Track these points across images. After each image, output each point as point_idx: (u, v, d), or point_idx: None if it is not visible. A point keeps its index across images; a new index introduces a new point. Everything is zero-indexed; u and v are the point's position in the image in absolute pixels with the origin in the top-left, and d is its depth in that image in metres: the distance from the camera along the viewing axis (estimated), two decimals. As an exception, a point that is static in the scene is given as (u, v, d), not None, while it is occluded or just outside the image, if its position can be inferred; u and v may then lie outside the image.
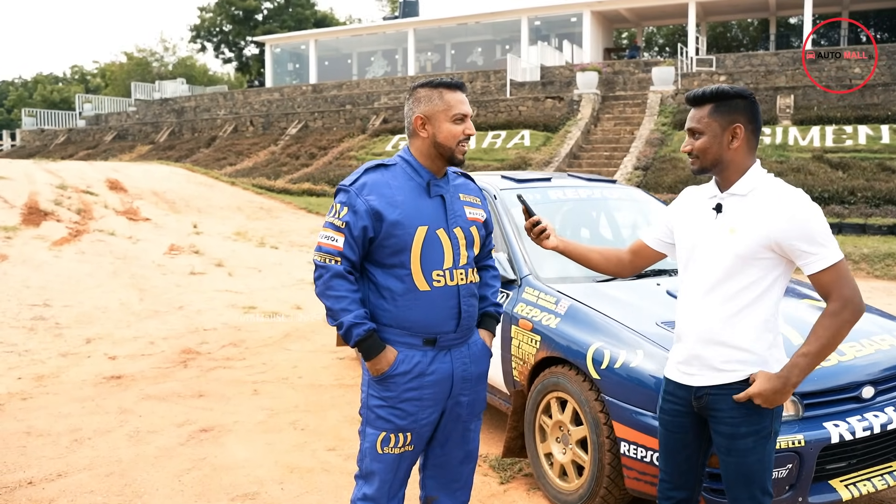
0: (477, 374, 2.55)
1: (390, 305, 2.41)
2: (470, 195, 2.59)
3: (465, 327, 2.49)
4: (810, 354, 2.12)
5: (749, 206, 2.18)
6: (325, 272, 2.37)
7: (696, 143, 2.24)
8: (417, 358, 2.42)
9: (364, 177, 2.43)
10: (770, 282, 2.17)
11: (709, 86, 2.24)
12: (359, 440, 3.92)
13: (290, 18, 45.54)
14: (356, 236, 2.36)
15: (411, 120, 2.46)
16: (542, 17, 33.76)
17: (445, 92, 2.41)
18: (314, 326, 7.32)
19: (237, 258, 11.06)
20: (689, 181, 16.03)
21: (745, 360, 2.20)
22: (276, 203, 16.84)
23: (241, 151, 25.27)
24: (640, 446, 3.01)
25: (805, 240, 2.09)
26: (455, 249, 2.45)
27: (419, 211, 2.41)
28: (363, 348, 2.37)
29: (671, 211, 2.48)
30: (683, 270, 2.34)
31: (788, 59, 24.09)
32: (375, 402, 2.45)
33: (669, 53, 41.68)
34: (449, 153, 2.42)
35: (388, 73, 38.13)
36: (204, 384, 5.45)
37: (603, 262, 2.60)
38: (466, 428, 2.58)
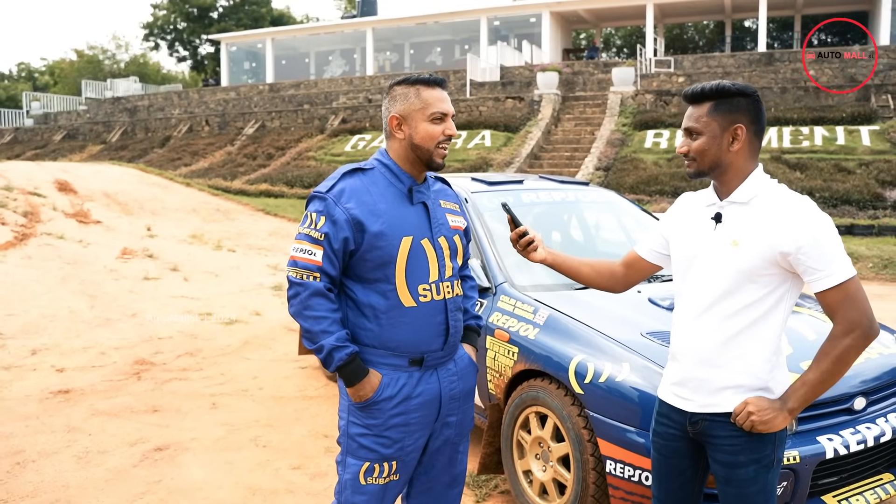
0: (464, 391, 2.37)
1: (373, 324, 2.20)
2: (449, 202, 2.40)
3: (452, 344, 2.31)
4: (810, 383, 1.95)
5: (751, 216, 2.00)
6: (301, 290, 2.15)
7: (694, 144, 2.05)
8: (403, 380, 2.22)
9: (342, 182, 2.21)
10: (775, 299, 1.99)
11: (708, 82, 2.05)
12: (327, 460, 3.69)
13: (245, 17, 44.81)
14: (336, 249, 2.15)
15: (387, 120, 2.26)
16: (502, 17, 33.73)
17: (423, 89, 2.22)
18: (275, 333, 7.05)
19: (193, 262, 10.69)
20: (650, 182, 16.08)
21: (745, 386, 2.02)
22: (232, 204, 16.43)
23: (196, 152, 24.70)
24: (626, 465, 2.85)
25: (812, 253, 1.90)
26: (440, 261, 2.26)
27: (403, 220, 2.21)
28: (345, 374, 2.16)
29: (666, 220, 2.29)
30: (680, 284, 2.16)
31: (745, 60, 24.41)
32: (357, 431, 2.23)
33: (627, 54, 42.08)
34: (427, 156, 2.22)
35: (346, 73, 37.74)
36: (158, 398, 5.15)
37: (595, 276, 2.40)
38: (455, 450, 2.39)
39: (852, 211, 13.83)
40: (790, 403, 1.97)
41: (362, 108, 25.32)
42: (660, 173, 16.57)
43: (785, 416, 1.98)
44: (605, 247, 4.78)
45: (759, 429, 1.97)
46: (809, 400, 1.97)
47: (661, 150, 18.39)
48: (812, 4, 30.73)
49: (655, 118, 20.03)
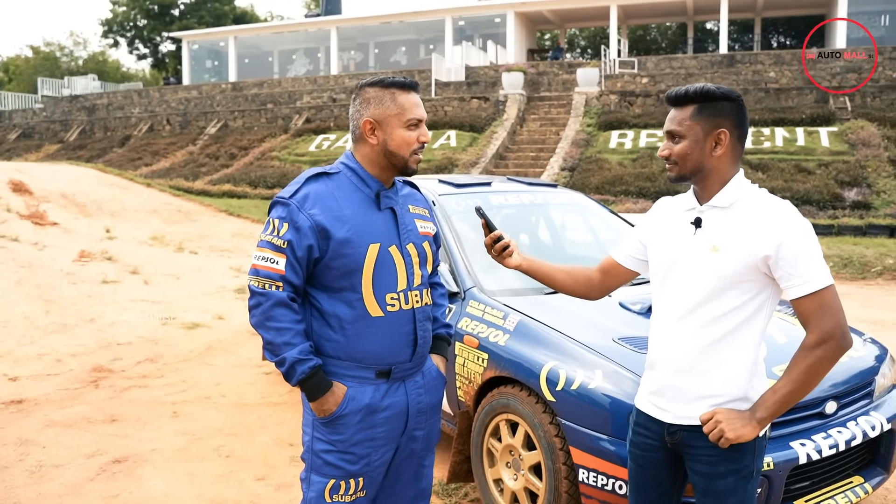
0: (432, 404, 2.29)
1: (338, 335, 2.11)
2: (418, 206, 2.32)
3: (421, 355, 2.23)
4: (780, 393, 1.90)
5: (732, 221, 1.96)
6: (264, 300, 2.05)
7: (676, 148, 2.00)
8: (369, 393, 2.13)
9: (305, 187, 2.11)
10: (756, 306, 1.95)
11: (692, 84, 2.01)
12: (293, 470, 3.59)
13: (208, 14, 44.16)
14: (300, 257, 2.06)
15: (358, 124, 2.16)
16: (466, 17, 33.73)
17: (398, 93, 2.13)
18: (238, 338, 6.90)
19: (154, 265, 10.45)
20: (615, 182, 16.17)
21: (725, 395, 1.98)
22: (194, 205, 16.14)
23: (157, 151, 24.26)
24: (600, 474, 2.80)
25: (790, 259, 1.86)
26: (409, 269, 2.18)
27: (370, 226, 2.12)
28: (307, 388, 2.07)
29: (644, 224, 2.23)
30: (658, 291, 2.11)
31: (707, 62, 24.70)
32: (322, 447, 2.14)
33: (591, 55, 42.37)
34: (402, 163, 2.15)
35: (310, 72, 37.42)
36: (117, 407, 4.99)
37: (571, 282, 2.34)
38: (420, 464, 2.31)
39: (813, 211, 14.05)
40: (759, 413, 1.93)
41: (327, 107, 25.10)
42: (625, 174, 16.67)
43: (754, 427, 1.93)
44: (573, 249, 4.75)
45: (728, 438, 1.92)
46: (780, 411, 1.93)
47: (625, 151, 18.52)
48: (771, 7, 31.25)
49: (620, 119, 20.17)
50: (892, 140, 16.71)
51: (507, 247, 2.26)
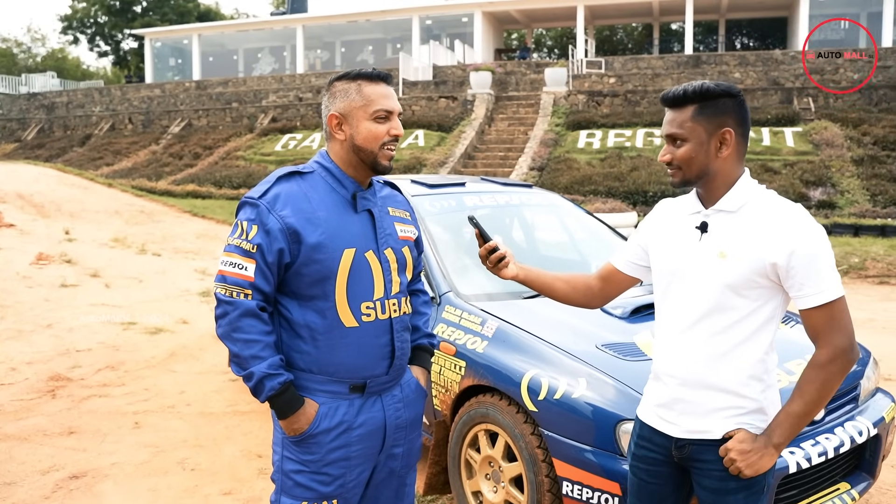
0: (411, 419, 2.15)
1: (309, 346, 1.96)
2: (399, 209, 2.18)
3: (398, 367, 2.09)
4: (794, 414, 1.80)
5: (740, 225, 1.84)
6: (231, 309, 1.90)
7: (678, 152, 1.88)
8: (343, 409, 1.99)
9: (276, 187, 1.96)
10: (766, 315, 1.85)
11: (690, 83, 1.89)
12: (261, 483, 3.42)
13: (171, 11, 43.40)
14: (270, 262, 1.91)
15: (326, 119, 2.03)
16: (434, 16, 33.61)
17: (365, 84, 1.99)
18: (203, 343, 6.68)
19: (115, 267, 10.16)
20: (584, 182, 16.17)
21: (738, 408, 1.87)
22: (158, 206, 15.80)
23: (119, 151, 23.76)
24: (585, 486, 2.69)
25: (803, 268, 1.76)
26: (386, 276, 2.04)
27: (345, 230, 1.98)
28: (277, 405, 1.92)
29: (644, 229, 2.11)
30: (661, 299, 1.99)
31: (673, 62, 24.89)
32: (293, 467, 1.99)
33: (558, 55, 42.52)
34: (371, 158, 2.00)
35: (276, 71, 37.00)
36: (76, 418, 4.77)
37: (570, 291, 2.22)
38: (402, 483, 2.17)
39: (779, 210, 14.17)
40: (776, 438, 1.82)
41: (293, 106, 24.79)
42: (593, 173, 16.68)
43: (772, 454, 1.82)
44: (549, 251, 4.65)
45: (747, 474, 1.82)
46: (795, 433, 1.83)
47: (594, 151, 18.55)
48: (735, 9, 31.63)
49: (588, 118, 20.21)
50: (854, 140, 16.97)
51: (503, 257, 2.13)
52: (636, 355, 2.92)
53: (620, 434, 2.62)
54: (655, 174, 16.19)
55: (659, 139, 18.55)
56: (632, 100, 21.00)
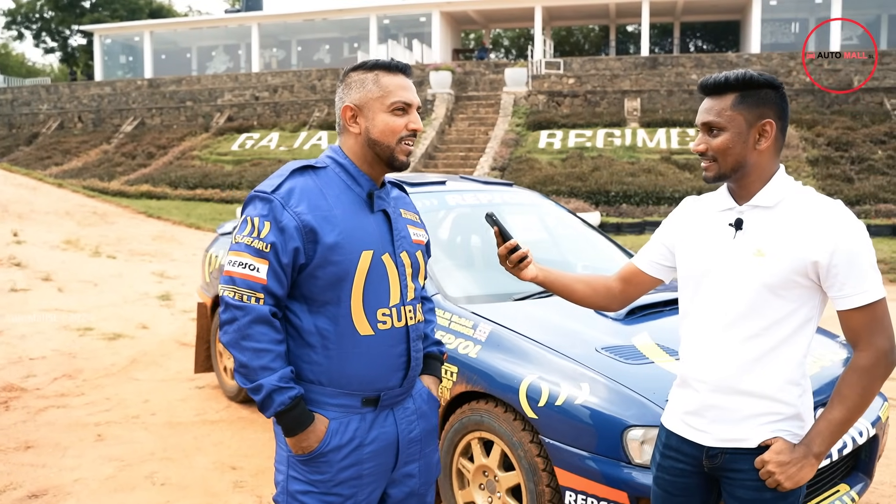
0: (425, 431, 2.00)
1: (319, 356, 1.81)
2: (409, 211, 2.04)
3: (412, 378, 1.95)
4: (835, 421, 1.71)
5: (778, 222, 1.74)
6: (241, 315, 1.73)
7: (714, 142, 1.76)
8: (354, 424, 1.84)
9: (290, 181, 1.81)
10: (804, 317, 1.75)
11: (732, 71, 1.77)
12: (237, 497, 3.23)
13: (121, 7, 42.30)
14: (285, 263, 1.75)
15: (340, 111, 1.89)
16: (391, 15, 33.44)
17: (382, 75, 1.85)
18: (165, 349, 6.41)
19: (68, 270, 9.75)
20: (546, 182, 16.17)
21: (774, 414, 1.77)
22: (111, 207, 15.30)
23: (68, 150, 23.04)
24: (590, 496, 2.57)
25: (844, 267, 1.67)
26: (402, 280, 1.89)
27: (362, 230, 1.83)
28: (285, 421, 1.76)
29: (670, 227, 2.00)
30: (690, 301, 1.88)
31: (630, 63, 25.14)
32: (300, 488, 1.83)
33: (515, 56, 42.68)
34: (388, 153, 1.86)
35: (230, 69, 36.41)
36: (32, 431, 4.49)
37: (590, 293, 2.09)
38: (422, 501, 2.03)
39: (738, 210, 14.37)
40: (816, 448, 1.72)
41: (249, 105, 24.37)
42: (555, 173, 16.71)
43: (812, 464, 1.72)
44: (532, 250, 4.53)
45: (786, 487, 1.72)
46: (835, 441, 1.73)
47: (554, 151, 18.59)
48: (690, 13, 32.15)
49: (548, 119, 20.26)
50: (808, 141, 17.32)
51: (524, 257, 2.00)
52: (638, 358, 2.81)
53: (627, 441, 2.51)
54: (617, 174, 16.28)
55: (618, 140, 18.68)
56: (591, 100, 21.12)
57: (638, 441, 2.50)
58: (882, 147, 17.10)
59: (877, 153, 16.86)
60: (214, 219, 15.21)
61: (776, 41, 31.01)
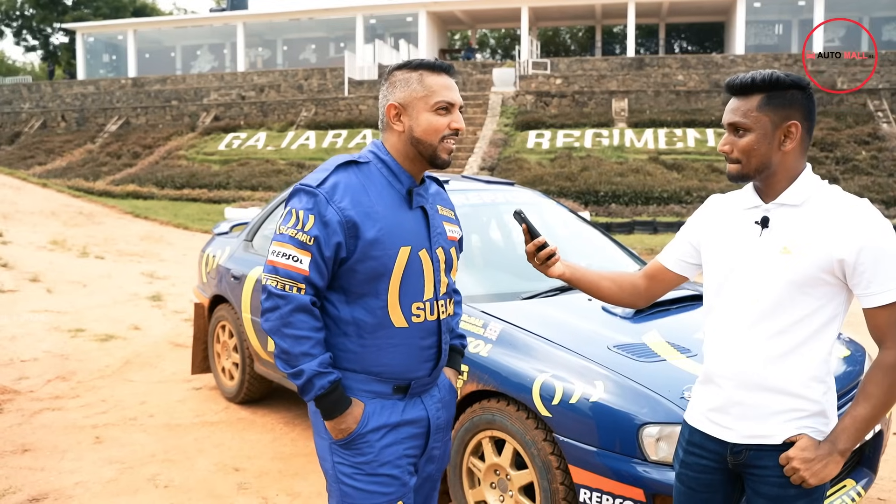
0: (448, 420, 2.07)
1: (354, 345, 1.88)
2: (446, 208, 2.08)
3: (440, 369, 2.01)
4: (860, 418, 1.72)
5: (804, 220, 1.75)
6: (283, 304, 1.79)
7: (740, 143, 1.77)
8: (388, 409, 1.90)
9: (335, 176, 1.84)
10: (829, 314, 1.75)
11: (758, 71, 1.78)
12: (243, 499, 3.21)
13: (104, 5, 41.88)
14: (327, 257, 1.80)
15: (384, 109, 1.91)
16: (378, 15, 33.39)
17: (427, 74, 1.88)
18: (159, 350, 6.35)
19: (56, 271, 9.65)
20: (535, 181, 16.20)
21: (800, 410, 1.78)
22: (97, 207, 15.17)
23: (52, 150, 22.82)
24: (605, 494, 2.57)
25: (872, 264, 1.68)
26: (437, 276, 1.94)
27: (401, 227, 1.87)
28: (324, 404, 1.82)
29: (695, 225, 2.01)
30: (715, 297, 1.88)
31: (617, 64, 25.24)
32: (348, 471, 1.89)
33: (501, 56, 42.75)
34: (430, 151, 1.88)
35: (215, 69, 36.20)
36: (28, 434, 4.43)
37: (616, 290, 2.09)
38: (434, 488, 2.10)
39: (726, 209, 14.48)
40: (841, 444, 1.73)
41: (236, 105, 24.24)
42: (544, 173, 16.75)
43: (837, 461, 1.73)
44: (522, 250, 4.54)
45: (811, 483, 1.73)
46: (860, 438, 1.74)
47: (543, 151, 18.63)
48: (675, 14, 32.33)
49: (536, 119, 20.31)
50: (794, 141, 17.46)
51: (552, 254, 2.00)
52: (650, 356, 2.82)
53: (643, 438, 2.52)
54: (605, 174, 16.34)
55: (606, 140, 18.75)
56: (579, 100, 21.19)
57: (654, 438, 2.50)
58: (866, 147, 17.29)
59: (861, 153, 17.04)
60: (202, 219, 15.12)
61: (760, 42, 31.25)
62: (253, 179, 18.48)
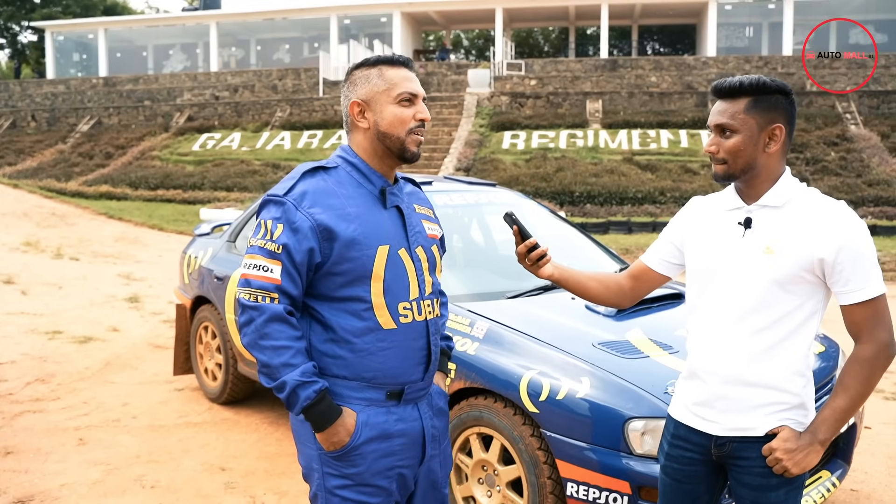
0: (442, 428, 2.06)
1: (344, 350, 1.84)
2: (423, 206, 2.07)
3: (432, 373, 1.98)
4: (839, 409, 1.81)
5: (786, 221, 1.83)
6: (256, 315, 1.76)
7: (727, 144, 1.84)
8: (381, 417, 1.87)
9: (302, 183, 1.84)
10: (809, 311, 1.84)
11: (746, 76, 1.86)
12: (231, 498, 3.23)
13: (74, 4, 41.20)
14: (299, 262, 1.78)
15: (347, 108, 1.92)
16: (352, 15, 33.30)
17: (386, 69, 1.89)
18: (139, 352, 6.33)
19: (30, 273, 9.55)
20: (511, 182, 16.31)
21: (780, 403, 1.86)
22: (70, 208, 14.99)
23: (22, 150, 22.48)
24: (591, 487, 2.64)
25: (850, 264, 1.77)
26: (419, 275, 1.93)
27: (377, 226, 1.86)
28: (313, 416, 1.78)
29: (678, 226, 2.08)
30: (698, 296, 1.96)
31: (591, 65, 25.45)
32: (337, 483, 1.86)
33: (476, 57, 42.85)
34: (398, 144, 1.88)
35: (188, 68, 35.86)
36: (10, 437, 4.40)
37: (603, 290, 2.16)
38: (444, 496, 2.08)
39: (699, 209, 14.71)
40: (821, 434, 1.82)
41: (210, 105, 24.06)
42: (520, 174, 16.85)
43: (818, 451, 1.82)
44: (505, 250, 4.60)
45: (793, 472, 1.82)
46: (839, 428, 1.83)
47: (518, 152, 18.75)
48: (648, 16, 32.65)
49: (511, 120, 20.42)
50: (765, 142, 17.76)
51: (543, 255, 2.06)
52: (634, 353, 2.90)
53: (629, 432, 2.59)
54: (580, 175, 16.49)
55: (581, 141, 18.92)
56: (554, 101, 21.35)
57: (639, 432, 2.58)
58: (835, 149, 17.64)
59: (830, 154, 17.38)
60: (178, 220, 15.01)
61: (731, 44, 31.68)
62: (228, 180, 18.36)
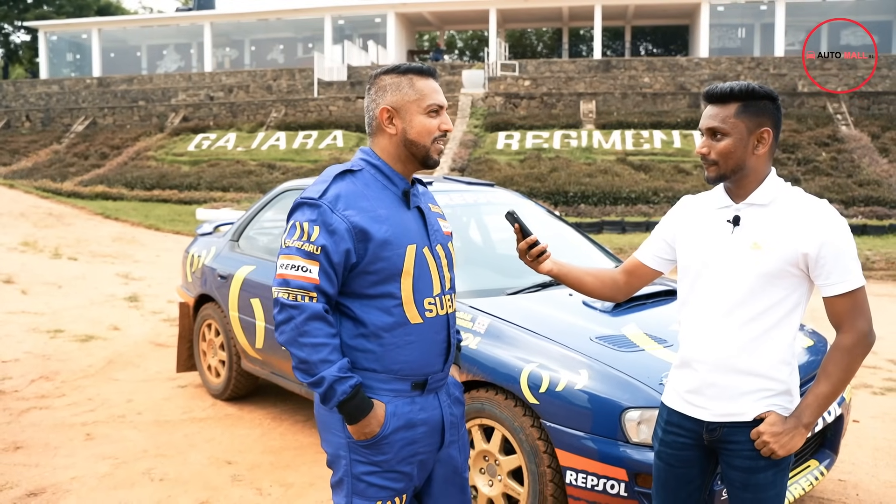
0: (460, 415, 2.17)
1: (374, 345, 1.94)
2: (436, 205, 2.19)
3: (451, 362, 2.11)
4: (822, 395, 1.93)
5: (772, 218, 1.96)
6: (296, 313, 1.85)
7: (718, 146, 1.96)
8: (406, 407, 1.98)
9: (335, 186, 1.93)
10: (794, 302, 1.96)
11: (735, 82, 1.99)
12: (238, 490, 3.32)
13: (68, 4, 41.15)
14: (336, 263, 1.87)
15: (375, 114, 2.00)
16: (347, 16, 33.40)
17: (416, 79, 1.98)
18: (141, 350, 6.41)
19: (30, 272, 9.62)
20: (506, 182, 16.43)
21: (767, 389, 1.98)
22: (66, 208, 15.04)
23: (16, 150, 22.48)
24: (590, 474, 2.75)
25: (832, 258, 1.89)
26: (440, 271, 2.04)
27: (404, 226, 1.97)
28: (347, 409, 1.88)
29: (670, 223, 2.20)
30: (689, 290, 2.08)
31: (584, 66, 25.60)
32: (364, 469, 1.96)
33: (469, 57, 42.97)
34: (423, 152, 1.99)
35: (182, 69, 35.89)
36: (18, 432, 4.49)
37: (599, 285, 2.28)
38: (465, 480, 2.19)
39: (692, 209, 14.85)
40: (805, 419, 1.94)
41: (205, 105, 24.10)
42: (514, 174, 16.97)
43: (802, 434, 1.95)
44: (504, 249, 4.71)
45: (780, 454, 1.94)
46: (822, 412, 1.95)
47: (513, 152, 18.87)
48: (640, 17, 32.84)
49: (506, 120, 20.54)
50: (757, 143, 17.92)
51: (543, 251, 2.17)
52: (630, 347, 3.01)
53: (625, 422, 2.70)
54: (574, 175, 16.62)
55: (575, 141, 19.05)
56: (548, 102, 21.48)
57: (635, 422, 2.69)
58: (826, 149, 17.82)
59: (821, 155, 17.56)
60: (174, 220, 15.07)
61: (724, 45, 31.91)
62: (224, 180, 18.43)
